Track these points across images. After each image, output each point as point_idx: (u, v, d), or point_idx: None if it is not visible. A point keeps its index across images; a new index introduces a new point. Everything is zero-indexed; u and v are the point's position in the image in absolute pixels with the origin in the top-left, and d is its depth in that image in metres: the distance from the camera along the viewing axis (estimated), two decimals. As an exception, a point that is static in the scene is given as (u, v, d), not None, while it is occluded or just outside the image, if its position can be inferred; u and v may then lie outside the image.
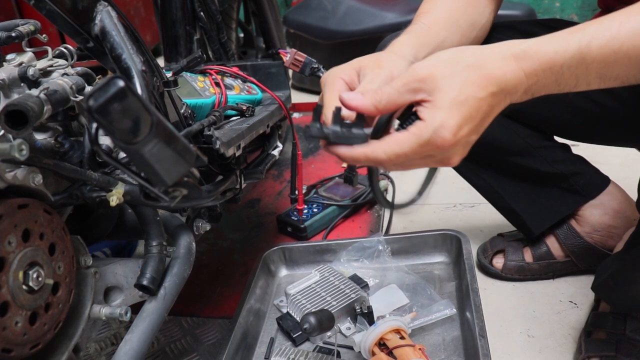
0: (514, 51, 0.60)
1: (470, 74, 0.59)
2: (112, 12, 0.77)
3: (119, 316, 0.77)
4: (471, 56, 0.60)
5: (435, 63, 0.60)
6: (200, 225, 1.00)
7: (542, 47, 0.60)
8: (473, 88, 0.59)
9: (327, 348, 1.01)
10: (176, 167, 0.53)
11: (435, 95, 0.59)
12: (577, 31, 0.60)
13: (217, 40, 1.38)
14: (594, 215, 1.15)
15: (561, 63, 0.60)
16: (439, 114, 0.58)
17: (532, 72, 0.60)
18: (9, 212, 0.62)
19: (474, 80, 0.59)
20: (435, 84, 0.59)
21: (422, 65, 0.60)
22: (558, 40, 0.60)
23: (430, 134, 0.58)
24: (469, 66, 0.59)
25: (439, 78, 0.59)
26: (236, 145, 0.96)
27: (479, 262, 1.28)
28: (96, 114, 0.45)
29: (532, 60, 0.60)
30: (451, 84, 0.58)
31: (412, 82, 0.60)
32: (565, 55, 0.59)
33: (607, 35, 0.59)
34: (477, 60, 0.60)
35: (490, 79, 0.59)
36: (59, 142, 0.75)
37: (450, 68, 0.59)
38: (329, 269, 1.17)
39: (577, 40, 0.59)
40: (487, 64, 0.59)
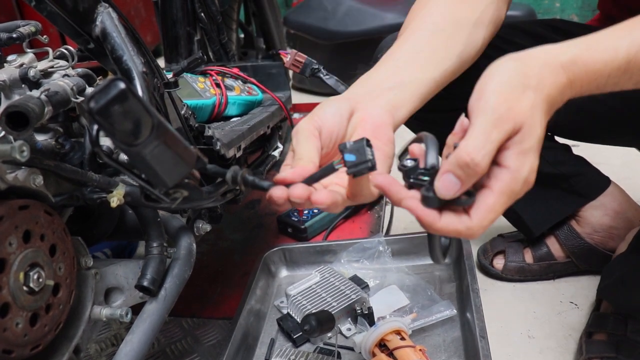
0: (562, 60, 0.55)
1: (540, 99, 0.53)
2: (112, 13, 0.77)
3: (120, 317, 0.77)
4: (531, 75, 0.53)
5: (510, 94, 0.52)
6: (201, 226, 1.00)
7: (591, 57, 0.55)
8: (545, 117, 0.53)
9: (328, 349, 1.02)
10: (177, 168, 0.53)
11: (522, 134, 0.51)
12: (624, 36, 0.56)
13: (218, 41, 1.38)
14: (594, 216, 1.15)
15: (608, 74, 0.56)
16: (528, 160, 0.51)
17: (577, 83, 0.56)
18: (9, 213, 0.62)
19: (543, 107, 0.53)
20: (522, 121, 0.51)
21: (502, 103, 0.51)
22: (607, 49, 0.55)
23: (522, 185, 0.51)
24: (536, 89, 0.52)
25: (524, 112, 0.51)
26: (237, 146, 0.96)
27: (479, 262, 1.28)
28: (97, 116, 0.45)
29: (580, 71, 0.55)
30: (535, 118, 0.51)
31: (506, 127, 0.50)
32: (613, 65, 0.55)
33: None
34: (539, 80, 0.53)
35: (549, 100, 0.54)
36: (59, 144, 0.75)
37: (525, 96, 0.52)
38: (330, 269, 1.17)
39: (625, 47, 0.55)
40: (545, 82, 0.53)
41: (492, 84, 0.53)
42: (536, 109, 0.52)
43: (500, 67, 0.54)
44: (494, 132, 0.50)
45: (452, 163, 0.51)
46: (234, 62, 1.42)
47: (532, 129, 0.51)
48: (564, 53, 0.55)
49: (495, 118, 0.50)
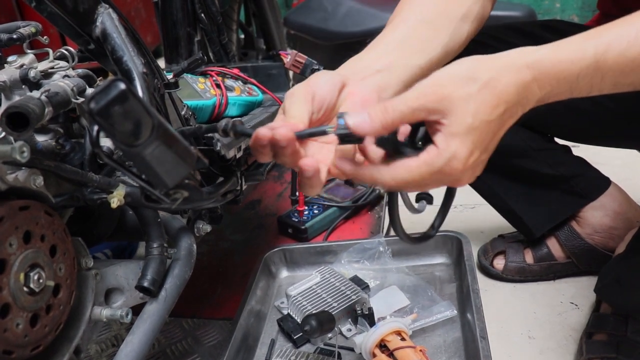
0: (528, 60, 0.57)
1: (486, 95, 0.56)
2: (113, 14, 0.77)
3: (120, 318, 0.77)
4: (486, 72, 0.57)
5: (449, 81, 0.56)
6: (201, 227, 1.00)
7: (557, 56, 0.57)
8: (486, 111, 0.56)
9: (328, 350, 1.02)
10: (177, 169, 0.53)
11: (450, 119, 0.56)
12: (593, 37, 0.58)
13: (218, 42, 1.38)
14: (594, 217, 1.15)
15: (577, 73, 0.57)
16: (452, 143, 0.56)
17: (546, 83, 0.58)
18: (10, 214, 0.62)
19: (487, 102, 0.56)
20: (451, 107, 0.56)
21: (436, 85, 0.56)
22: (574, 49, 0.57)
23: (442, 164, 0.56)
24: (485, 85, 0.56)
25: (456, 100, 0.55)
26: (237, 146, 0.96)
27: (479, 263, 1.28)
28: (97, 117, 0.45)
29: (547, 70, 0.57)
30: (467, 108, 0.56)
31: (428, 102, 0.56)
32: (581, 64, 0.57)
33: (625, 43, 0.56)
34: (492, 77, 0.56)
35: (502, 98, 0.57)
36: (60, 144, 0.75)
37: (467, 88, 0.56)
38: (330, 270, 1.17)
39: (593, 48, 0.57)
40: (501, 80, 0.57)
41: (442, 71, 0.58)
42: (473, 100, 0.55)
43: (457, 62, 0.59)
44: (414, 101, 0.56)
45: (373, 106, 0.57)
46: (234, 62, 1.42)
47: (461, 117, 0.55)
48: (530, 54, 0.58)
49: (421, 92, 0.56)
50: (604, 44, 0.57)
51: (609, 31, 0.58)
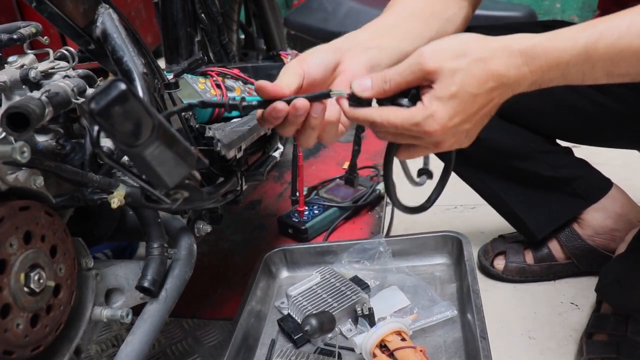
0: (522, 46, 0.61)
1: (474, 69, 0.61)
2: (113, 14, 0.77)
3: (120, 318, 0.77)
4: (479, 50, 0.61)
5: (442, 54, 0.62)
6: (202, 227, 1.00)
7: (549, 44, 0.61)
8: (472, 84, 0.61)
9: (328, 350, 1.01)
10: (177, 169, 0.53)
11: (437, 85, 0.62)
12: (587, 28, 0.61)
13: (218, 42, 1.38)
14: (596, 219, 1.15)
15: (567, 60, 0.60)
16: (434, 104, 0.62)
17: (537, 69, 0.61)
18: (10, 214, 0.62)
19: (475, 75, 0.61)
20: (440, 76, 0.61)
21: (430, 55, 0.62)
22: (566, 38, 0.61)
23: (421, 119, 0.62)
24: (475, 61, 0.61)
25: (444, 70, 0.61)
26: (237, 147, 0.96)
27: (480, 263, 1.28)
28: (98, 117, 0.45)
29: (539, 56, 0.61)
30: (454, 78, 0.61)
31: (420, 71, 0.62)
32: (572, 52, 0.60)
33: (616, 34, 0.59)
34: (483, 55, 0.61)
35: (492, 75, 0.61)
36: (60, 144, 0.75)
37: (457, 61, 0.61)
38: (330, 270, 1.17)
39: (585, 37, 0.60)
40: (493, 60, 0.61)
41: (438, 42, 0.63)
42: (461, 72, 0.61)
43: (454, 35, 0.64)
44: (408, 71, 0.63)
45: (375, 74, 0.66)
46: (234, 63, 1.42)
47: (447, 85, 0.61)
48: (527, 40, 0.61)
49: (415, 63, 0.62)
50: (596, 33, 0.60)
51: (602, 23, 0.60)
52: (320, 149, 1.95)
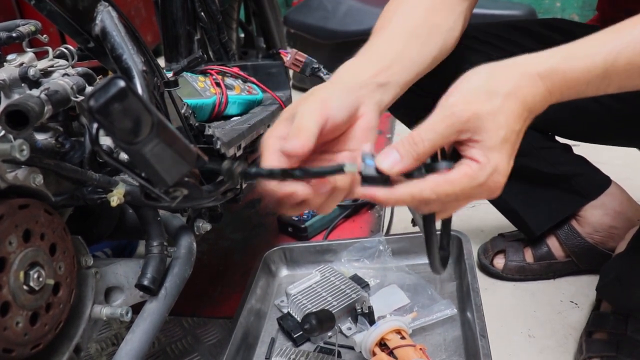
0: (540, 70, 0.58)
1: (511, 105, 0.57)
2: (112, 12, 0.77)
3: (120, 316, 0.77)
4: (504, 83, 0.57)
5: (472, 97, 0.57)
6: (201, 226, 1.00)
7: (567, 65, 0.58)
8: (515, 121, 0.57)
9: (328, 348, 1.01)
10: (177, 167, 0.53)
11: (482, 135, 0.56)
12: (604, 44, 0.58)
13: (218, 41, 1.38)
14: (594, 216, 1.15)
15: (587, 82, 0.59)
16: (493, 157, 0.56)
17: (557, 91, 0.59)
18: (9, 213, 0.62)
19: (514, 112, 0.57)
20: (480, 123, 0.56)
21: (461, 103, 0.56)
22: (585, 58, 0.58)
23: (486, 177, 0.56)
24: (507, 96, 0.57)
25: (483, 116, 0.56)
26: (237, 145, 0.96)
27: (479, 262, 1.28)
28: (97, 114, 0.45)
29: (559, 80, 0.58)
30: (497, 121, 0.56)
31: (456, 124, 0.56)
32: (590, 74, 0.58)
33: (631, 50, 0.57)
34: (512, 88, 0.57)
35: (525, 106, 0.58)
36: (59, 143, 0.75)
37: (490, 102, 0.56)
38: (330, 269, 1.17)
39: (603, 57, 0.58)
40: (521, 90, 0.58)
41: (460, 87, 0.58)
42: (501, 113, 0.56)
43: (473, 73, 0.59)
44: (442, 125, 0.56)
45: (398, 142, 0.56)
46: (234, 61, 1.42)
47: (495, 131, 0.55)
48: (542, 63, 0.59)
49: (447, 115, 0.56)
50: (613, 52, 0.58)
51: (616, 38, 0.59)
52: (320, 148, 1.95)
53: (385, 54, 0.76)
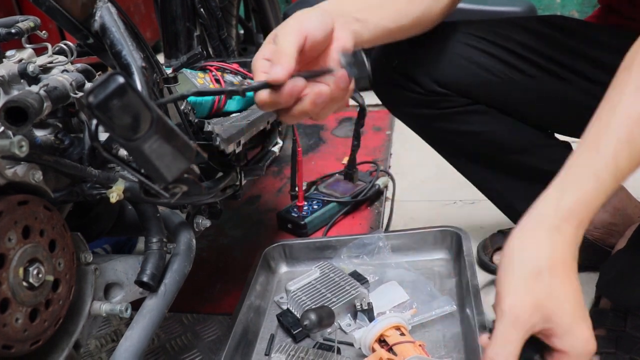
0: (562, 215, 0.59)
1: (559, 274, 0.57)
2: (111, 8, 0.77)
3: (119, 313, 0.77)
4: (539, 254, 0.58)
5: (523, 290, 0.57)
6: (201, 222, 1.00)
7: (586, 200, 0.59)
8: (571, 284, 0.58)
9: (328, 344, 1.02)
10: (176, 163, 0.53)
11: (553, 322, 0.57)
12: (597, 153, 0.59)
13: (217, 37, 1.38)
14: (594, 213, 1.15)
15: (603, 201, 0.59)
16: (575, 339, 0.57)
17: (585, 220, 0.59)
18: (9, 209, 0.62)
19: (566, 278, 0.58)
20: (545, 311, 0.56)
21: (518, 304, 0.57)
22: (595, 184, 0.59)
23: (583, 351, 0.57)
24: (551, 268, 0.57)
25: (544, 303, 0.56)
26: (236, 141, 0.96)
27: (479, 258, 1.28)
28: (96, 110, 0.45)
29: (582, 217, 0.59)
30: (558, 299, 0.57)
31: (525, 325, 0.57)
32: (606, 193, 0.59)
33: (625, 144, 0.58)
34: (549, 255, 0.58)
35: (572, 262, 0.59)
36: (59, 139, 0.75)
37: (541, 284, 0.57)
38: (329, 265, 1.17)
39: (605, 169, 0.58)
40: (558, 252, 0.58)
41: (506, 281, 0.58)
42: (556, 289, 0.56)
43: (507, 259, 0.60)
44: (513, 333, 0.56)
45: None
46: (233, 57, 1.42)
47: (561, 312, 0.56)
48: (564, 206, 0.59)
49: (512, 321, 0.56)
50: (612, 159, 0.58)
51: (605, 138, 0.59)
52: (320, 145, 1.95)
53: (368, 1, 0.84)
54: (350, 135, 1.52)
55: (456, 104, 1.04)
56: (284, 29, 0.70)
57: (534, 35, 1.00)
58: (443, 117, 1.06)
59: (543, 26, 1.02)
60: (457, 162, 1.17)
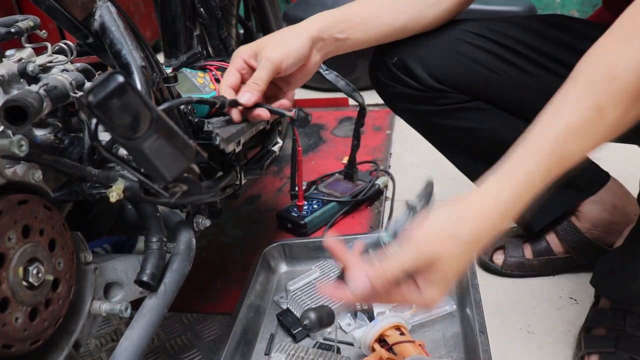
0: (500, 210, 0.63)
1: (466, 252, 0.64)
2: (111, 7, 0.77)
3: (119, 312, 0.77)
4: (470, 231, 0.63)
5: (437, 238, 0.64)
6: (200, 222, 1.00)
7: (524, 174, 0.63)
8: (464, 264, 0.65)
9: (327, 344, 1.02)
10: (176, 162, 0.53)
11: (432, 274, 0.64)
12: (536, 161, 0.63)
13: (217, 37, 1.38)
14: (593, 211, 1.15)
15: (539, 184, 0.63)
16: (430, 292, 0.64)
17: (520, 213, 0.65)
18: (8, 208, 0.62)
19: (467, 257, 0.65)
20: (435, 265, 0.63)
21: (425, 242, 0.64)
22: (528, 164, 0.63)
23: (420, 303, 0.66)
24: (468, 244, 0.63)
25: (440, 259, 0.63)
26: (236, 141, 0.96)
27: (478, 258, 1.28)
28: (96, 110, 0.45)
29: (521, 204, 0.64)
30: (448, 266, 0.63)
31: (419, 259, 0.63)
32: (532, 193, 0.64)
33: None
34: (475, 237, 0.63)
35: (482, 247, 0.65)
36: (58, 138, 0.75)
37: (451, 247, 0.63)
38: (329, 265, 1.17)
39: (542, 175, 0.63)
40: (484, 238, 0.64)
41: (430, 224, 0.65)
42: (454, 257, 0.63)
43: (443, 213, 0.66)
44: (408, 259, 0.63)
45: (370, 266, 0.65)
46: (233, 57, 1.42)
47: (442, 272, 0.63)
48: (507, 198, 0.63)
49: (413, 249, 0.64)
50: (544, 167, 0.63)
51: (543, 142, 0.63)
52: (320, 144, 1.95)
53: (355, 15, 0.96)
54: (350, 134, 1.52)
55: (455, 100, 1.04)
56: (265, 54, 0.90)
57: (533, 33, 1.00)
58: (442, 114, 1.06)
59: (542, 24, 1.02)
60: (456, 159, 1.17)
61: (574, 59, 0.98)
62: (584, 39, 0.97)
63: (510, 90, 1.02)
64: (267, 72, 0.90)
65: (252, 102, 0.90)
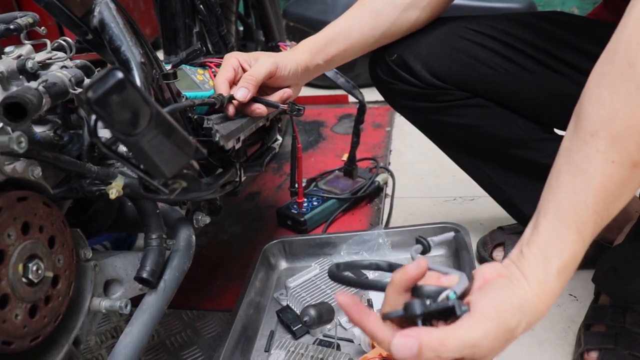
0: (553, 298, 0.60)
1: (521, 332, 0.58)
2: (110, 4, 0.77)
3: (119, 309, 0.77)
4: (524, 329, 0.58)
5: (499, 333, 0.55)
6: (200, 218, 1.00)
7: (571, 259, 0.62)
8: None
9: (327, 341, 1.02)
10: (175, 159, 0.53)
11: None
12: (579, 236, 0.62)
13: (217, 33, 1.37)
14: (593, 209, 1.15)
15: (584, 243, 0.63)
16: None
17: (570, 271, 0.63)
18: (8, 205, 0.62)
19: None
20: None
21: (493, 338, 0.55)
22: (573, 246, 0.62)
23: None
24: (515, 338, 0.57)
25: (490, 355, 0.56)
26: (236, 138, 0.96)
27: (479, 255, 1.28)
28: (95, 106, 0.45)
29: (569, 274, 0.62)
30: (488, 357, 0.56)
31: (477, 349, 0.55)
32: (584, 245, 0.62)
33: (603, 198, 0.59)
34: (523, 332, 0.58)
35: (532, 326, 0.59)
36: (58, 135, 0.75)
37: (506, 344, 0.57)
38: (329, 262, 1.17)
39: (579, 231, 0.62)
40: (533, 320, 0.59)
41: (493, 297, 0.58)
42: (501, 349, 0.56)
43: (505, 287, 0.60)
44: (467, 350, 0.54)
45: (425, 339, 0.54)
46: (233, 54, 1.41)
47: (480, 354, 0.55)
48: (552, 271, 0.61)
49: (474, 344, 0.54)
50: (585, 221, 0.61)
51: (582, 214, 0.61)
52: (320, 141, 1.95)
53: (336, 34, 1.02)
54: (350, 132, 1.52)
55: (455, 97, 1.04)
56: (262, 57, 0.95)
57: (533, 30, 1.00)
58: (442, 111, 1.06)
59: (542, 21, 1.02)
60: (456, 156, 1.17)
61: (574, 56, 0.98)
62: (584, 36, 0.97)
63: (510, 87, 1.02)
64: (264, 68, 0.93)
65: (248, 97, 0.92)
